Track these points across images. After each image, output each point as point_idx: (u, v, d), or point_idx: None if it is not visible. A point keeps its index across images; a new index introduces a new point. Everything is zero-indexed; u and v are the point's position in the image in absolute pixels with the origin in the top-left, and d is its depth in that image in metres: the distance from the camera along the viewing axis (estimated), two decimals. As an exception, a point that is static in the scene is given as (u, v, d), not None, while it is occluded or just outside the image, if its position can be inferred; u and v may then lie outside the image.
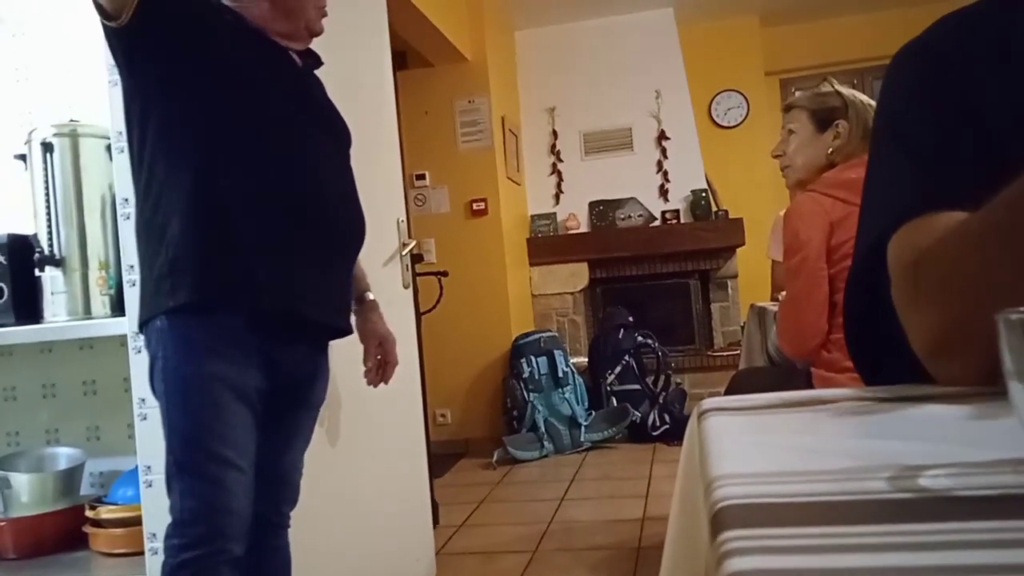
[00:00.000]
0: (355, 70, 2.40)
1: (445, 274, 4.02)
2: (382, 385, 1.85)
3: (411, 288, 2.63)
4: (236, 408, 1.36)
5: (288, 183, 1.44)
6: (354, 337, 1.75)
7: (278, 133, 1.47)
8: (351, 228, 1.58)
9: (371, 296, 1.79)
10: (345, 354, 1.78)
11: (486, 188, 4.73)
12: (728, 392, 2.18)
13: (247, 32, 1.50)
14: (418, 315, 3.04)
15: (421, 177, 4.73)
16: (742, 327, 3.52)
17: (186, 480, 1.34)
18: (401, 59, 4.40)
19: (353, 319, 1.72)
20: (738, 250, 5.24)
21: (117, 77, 1.66)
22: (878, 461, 0.37)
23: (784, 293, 1.98)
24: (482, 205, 4.72)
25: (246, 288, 1.38)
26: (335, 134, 1.63)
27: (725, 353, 5.04)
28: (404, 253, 2.50)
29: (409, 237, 2.59)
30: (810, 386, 1.88)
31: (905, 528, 0.31)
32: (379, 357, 1.77)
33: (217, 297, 1.37)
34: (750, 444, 0.43)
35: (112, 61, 1.48)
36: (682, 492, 0.48)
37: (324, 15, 1.62)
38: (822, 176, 1.96)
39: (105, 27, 1.37)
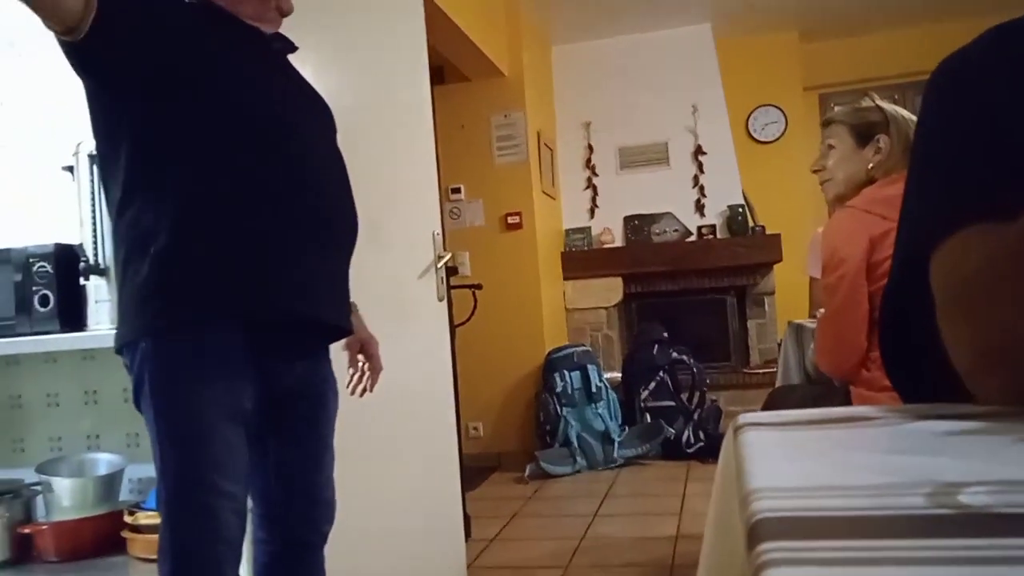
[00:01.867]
0: (393, 84, 2.43)
1: (479, 287, 4.04)
2: (416, 397, 1.84)
3: (445, 301, 2.64)
4: (226, 432, 1.29)
5: (280, 180, 1.35)
6: (385, 347, 1.73)
7: (265, 126, 1.38)
8: (346, 222, 1.49)
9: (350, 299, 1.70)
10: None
11: (521, 202, 4.74)
12: (765, 409, 2.16)
13: (218, 19, 1.41)
14: (452, 328, 3.06)
15: (456, 191, 4.76)
16: (779, 344, 3.48)
17: (175, 508, 1.29)
18: (438, 73, 4.44)
19: None
20: (775, 266, 5.19)
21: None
22: (916, 477, 0.37)
23: (822, 310, 1.95)
24: (517, 219, 4.73)
25: (242, 300, 1.31)
26: (321, 119, 1.53)
27: (761, 370, 4.98)
28: (439, 266, 2.52)
29: (444, 250, 2.60)
30: (848, 405, 1.85)
31: (943, 543, 0.30)
32: (363, 363, 1.67)
33: (209, 317, 1.30)
34: (787, 458, 0.43)
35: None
36: (718, 506, 0.47)
37: None
38: (862, 192, 1.93)
39: (62, 43, 1.22)
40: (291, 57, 1.57)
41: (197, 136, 1.32)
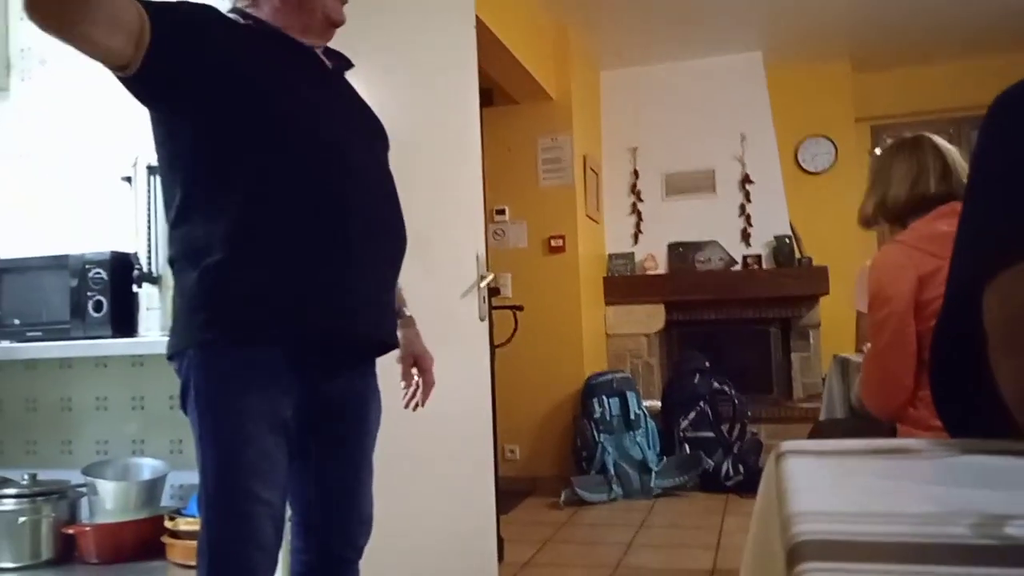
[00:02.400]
0: (443, 105, 2.46)
1: (520, 308, 4.04)
2: (454, 416, 1.85)
3: (487, 321, 2.65)
4: (265, 441, 1.32)
5: (328, 199, 1.38)
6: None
7: (314, 146, 1.39)
8: (396, 237, 1.51)
9: (407, 312, 1.70)
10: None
11: (565, 225, 4.75)
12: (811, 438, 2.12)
13: (269, 39, 1.43)
14: (492, 348, 3.06)
15: (501, 212, 4.79)
16: (823, 379, 3.42)
17: (214, 514, 1.32)
18: (487, 96, 4.49)
19: None
20: (821, 299, 5.10)
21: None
22: (962, 508, 0.36)
23: (869, 346, 1.91)
24: (560, 242, 4.74)
25: (291, 316, 1.34)
26: (373, 137, 1.55)
27: (805, 404, 4.89)
28: (482, 286, 2.53)
29: (487, 271, 2.62)
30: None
31: (987, 572, 0.30)
32: (417, 378, 1.68)
33: (252, 331, 1.33)
34: (829, 484, 0.42)
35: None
36: (757, 531, 0.47)
37: (344, 3, 1.51)
38: (911, 226, 1.89)
39: (116, 77, 1.30)
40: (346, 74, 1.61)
41: (247, 155, 1.35)
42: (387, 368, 1.65)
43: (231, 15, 1.46)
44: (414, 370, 1.68)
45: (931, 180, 1.88)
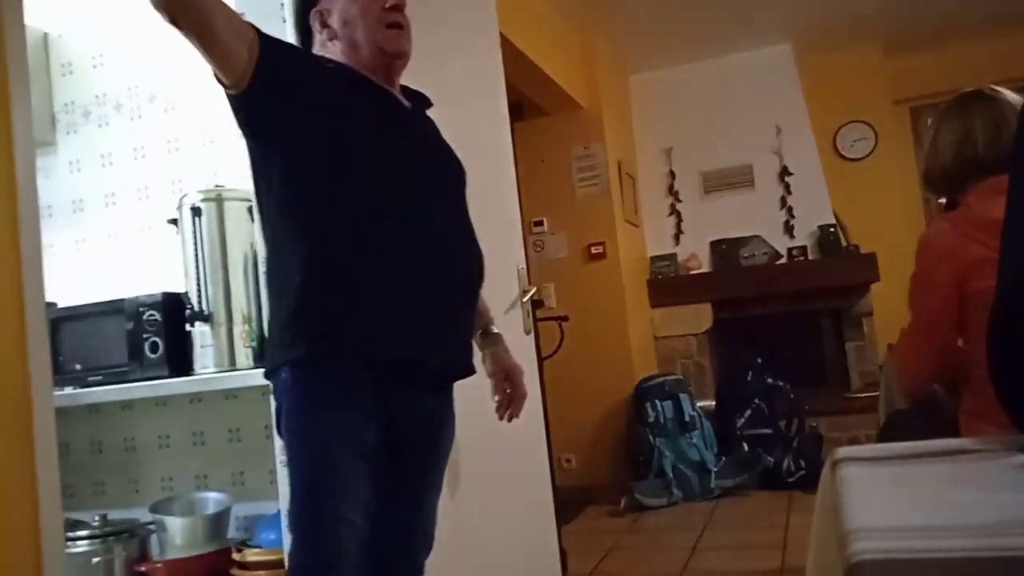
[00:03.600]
0: (474, 124, 2.48)
1: (566, 319, 4.04)
2: (508, 431, 1.85)
3: (533, 334, 2.66)
4: (352, 462, 1.37)
5: (405, 230, 1.45)
6: (477, 383, 1.74)
7: (393, 180, 1.47)
8: (469, 268, 1.57)
9: (495, 329, 1.78)
10: (470, 401, 1.80)
11: (604, 231, 4.74)
12: (881, 436, 2.07)
13: (351, 78, 1.52)
14: (540, 361, 3.06)
15: (539, 223, 4.80)
16: (880, 367, 3.34)
17: (302, 533, 1.36)
18: (517, 110, 4.50)
19: (479, 354, 1.71)
20: (872, 286, 5.00)
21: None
22: (1020, 516, 0.35)
23: (908, 322, 1.86)
24: (600, 248, 4.72)
25: (366, 339, 1.40)
26: (449, 174, 1.62)
27: (863, 395, 4.78)
28: (525, 300, 2.54)
29: (529, 284, 2.62)
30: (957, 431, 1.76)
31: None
32: (508, 391, 1.76)
33: (335, 349, 1.39)
34: (886, 496, 0.42)
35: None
36: (817, 544, 0.46)
37: (397, 26, 1.56)
38: (965, 204, 1.81)
39: (227, 95, 1.46)
40: None
41: (328, 188, 1.44)
42: (460, 392, 1.66)
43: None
44: (506, 383, 1.76)
45: (979, 143, 1.75)
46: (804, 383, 4.81)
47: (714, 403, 4.80)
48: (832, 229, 5.07)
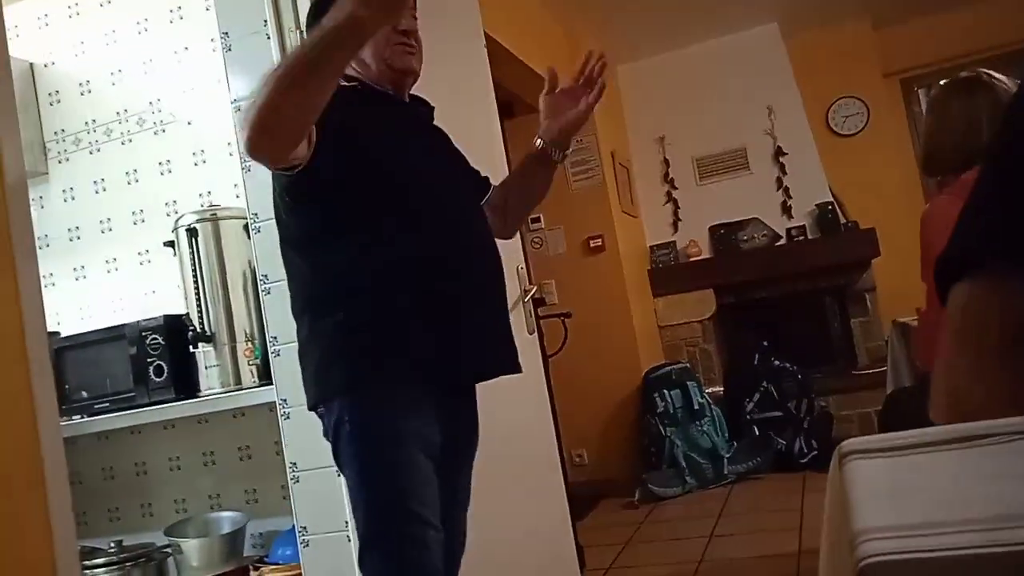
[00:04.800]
0: (464, 126, 2.47)
1: (569, 315, 4.02)
2: (517, 434, 1.86)
3: (536, 333, 2.65)
4: (427, 465, 1.38)
5: (446, 248, 1.47)
6: (484, 384, 1.76)
7: (429, 199, 1.50)
8: (499, 271, 1.60)
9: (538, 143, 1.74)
10: (479, 402, 1.79)
11: (601, 224, 4.73)
12: (882, 420, 2.05)
13: (371, 98, 1.54)
14: (545, 359, 3.06)
15: (536, 220, 4.79)
16: (886, 341, 3.33)
17: (390, 544, 1.35)
18: (507, 108, 4.49)
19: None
20: (874, 262, 4.99)
21: (250, 163, 1.78)
22: (1034, 506, 0.35)
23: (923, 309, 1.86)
24: (599, 241, 4.72)
25: (424, 358, 1.41)
26: (467, 181, 1.66)
27: (871, 371, 4.77)
28: (526, 300, 2.53)
29: (530, 283, 2.62)
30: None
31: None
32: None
33: (395, 371, 1.40)
34: (895, 491, 0.41)
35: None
36: (828, 544, 0.46)
37: (409, 50, 1.57)
38: (961, 178, 1.82)
39: (283, 177, 1.42)
40: None
41: (368, 214, 1.44)
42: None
43: None
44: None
45: (984, 132, 1.77)
46: (811, 363, 4.80)
47: (722, 389, 4.79)
48: (830, 207, 5.06)
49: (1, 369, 1.39)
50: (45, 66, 2.74)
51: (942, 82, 2.03)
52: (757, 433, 4.45)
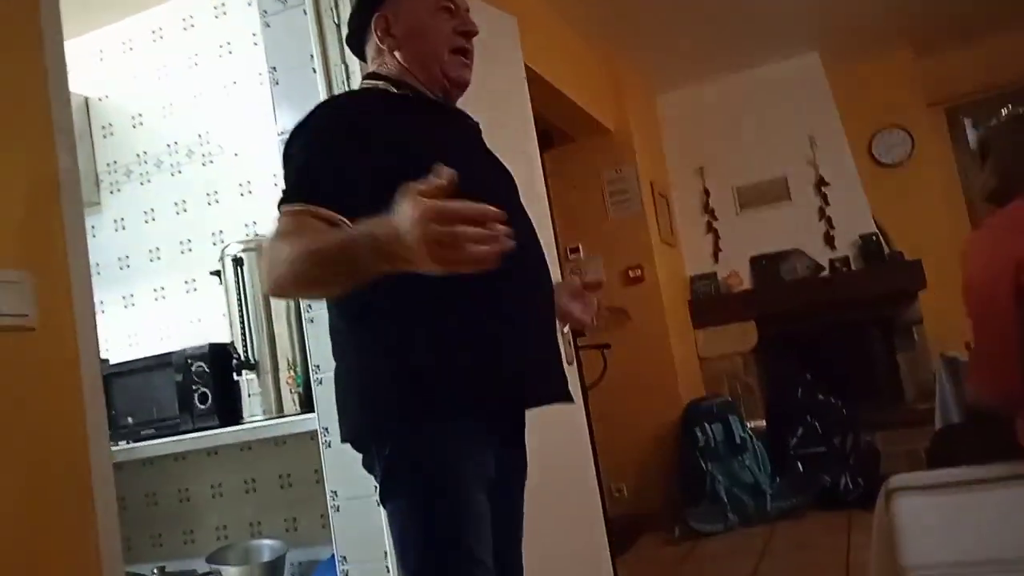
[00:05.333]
0: (505, 155, 2.49)
1: (608, 346, 4.01)
2: (555, 463, 1.81)
3: (575, 363, 2.64)
4: (483, 501, 1.32)
5: (505, 268, 1.39)
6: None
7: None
8: (552, 297, 1.51)
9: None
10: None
11: (640, 254, 4.71)
12: (931, 459, 1.99)
13: (428, 108, 1.45)
14: (584, 390, 3.05)
15: (574, 250, 4.79)
16: (935, 376, 3.25)
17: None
18: (546, 138, 4.53)
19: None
20: (921, 294, 4.89)
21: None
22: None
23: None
24: (638, 272, 4.70)
25: (482, 388, 1.33)
26: (515, 192, 1.54)
27: (919, 405, 4.65)
28: (565, 330, 2.53)
29: (569, 313, 2.61)
30: (1014, 445, 1.69)
31: None
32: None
33: (452, 400, 1.32)
34: (942, 529, 0.40)
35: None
36: (875, 581, 0.45)
37: (464, 52, 1.47)
38: (1003, 209, 1.79)
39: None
40: None
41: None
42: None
43: (368, 83, 1.48)
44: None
45: None
46: (856, 397, 4.69)
47: (765, 423, 4.70)
48: (874, 238, 4.98)
49: (55, 397, 1.42)
50: (99, 99, 2.84)
51: (1011, 111, 2.01)
52: (801, 469, 4.35)
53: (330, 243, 1.19)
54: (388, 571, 1.85)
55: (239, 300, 2.20)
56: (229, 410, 2.18)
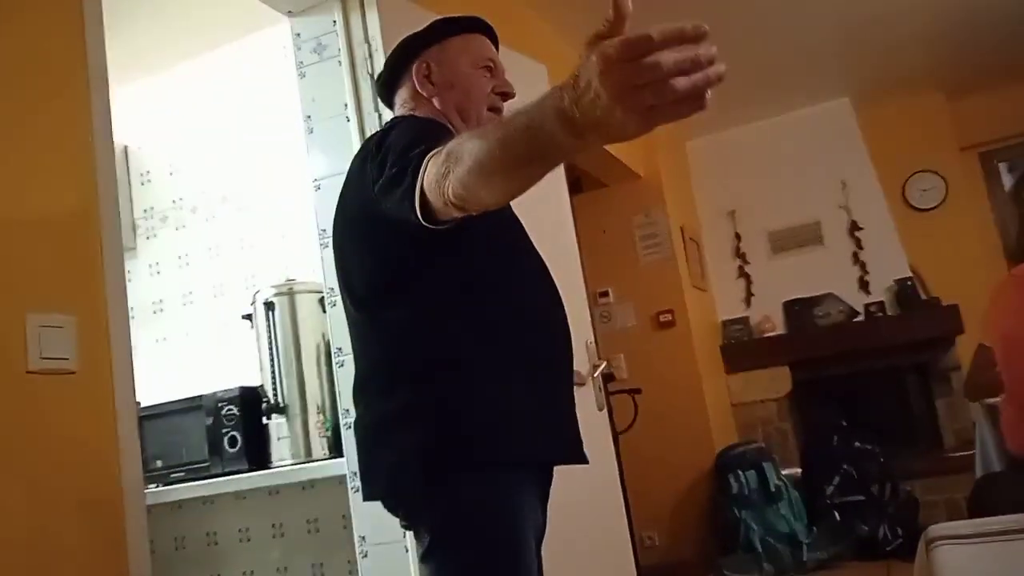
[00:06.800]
0: (534, 201, 2.51)
1: (639, 391, 3.97)
2: (586, 509, 1.78)
3: (606, 409, 2.62)
4: (533, 550, 1.31)
5: (532, 319, 1.38)
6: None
7: (522, 270, 1.41)
8: (570, 348, 1.50)
9: None
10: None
11: (671, 299, 4.68)
12: (972, 508, 1.93)
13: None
14: (615, 436, 3.01)
15: (604, 294, 4.78)
16: (974, 423, 3.17)
17: None
18: (576, 184, 4.55)
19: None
20: (958, 339, 4.79)
21: (328, 239, 1.83)
22: None
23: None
24: (669, 316, 4.66)
25: (523, 444, 1.32)
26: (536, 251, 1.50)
27: (958, 453, 4.52)
28: (595, 375, 2.51)
29: (599, 357, 2.60)
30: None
31: None
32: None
33: (510, 448, 1.30)
34: (986, 582, 0.39)
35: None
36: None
37: (498, 111, 1.47)
38: None
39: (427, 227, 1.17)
40: None
41: (476, 287, 1.33)
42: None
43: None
44: None
45: None
46: (893, 444, 4.58)
47: (800, 470, 4.60)
48: (910, 282, 4.91)
49: (93, 439, 1.43)
50: (138, 148, 2.91)
51: None
52: (838, 518, 4.23)
53: (515, 122, 1.01)
54: (415, 619, 1.82)
55: (269, 344, 2.21)
56: (258, 454, 2.19)
